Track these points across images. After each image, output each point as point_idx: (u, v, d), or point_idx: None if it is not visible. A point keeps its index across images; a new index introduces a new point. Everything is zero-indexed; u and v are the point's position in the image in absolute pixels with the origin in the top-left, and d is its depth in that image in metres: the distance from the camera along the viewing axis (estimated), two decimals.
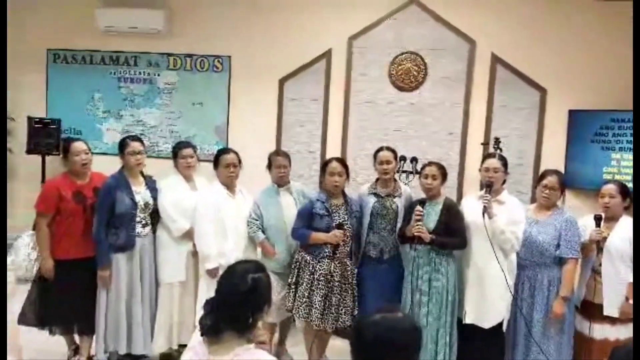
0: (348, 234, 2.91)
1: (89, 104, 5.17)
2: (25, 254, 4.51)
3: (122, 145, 3.14)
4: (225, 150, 3.22)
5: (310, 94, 4.75)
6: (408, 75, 4.51)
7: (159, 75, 5.00)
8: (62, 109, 5.15)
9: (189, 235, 3.11)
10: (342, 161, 3.06)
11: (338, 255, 2.89)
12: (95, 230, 2.99)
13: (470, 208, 2.83)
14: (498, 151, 3.13)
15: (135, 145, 3.11)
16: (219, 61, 4.87)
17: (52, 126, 4.83)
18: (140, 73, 5.03)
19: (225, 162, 3.13)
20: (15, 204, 5.30)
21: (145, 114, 5.09)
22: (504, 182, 2.84)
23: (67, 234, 3.02)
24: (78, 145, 3.06)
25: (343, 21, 4.62)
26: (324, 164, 3.07)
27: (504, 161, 2.84)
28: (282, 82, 4.78)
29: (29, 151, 4.84)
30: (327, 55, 4.68)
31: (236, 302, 1.50)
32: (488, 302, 2.73)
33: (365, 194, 3.05)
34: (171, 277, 3.11)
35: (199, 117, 4.97)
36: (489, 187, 2.73)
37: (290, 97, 4.75)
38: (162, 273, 3.13)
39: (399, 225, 2.94)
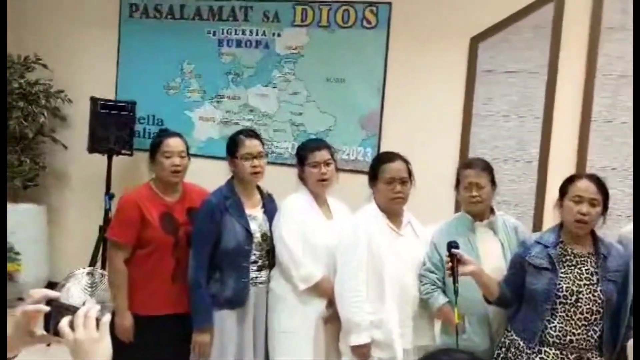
0: (582, 305, 2.82)
1: (175, 79, 5.44)
2: (80, 301, 4.77)
3: (234, 144, 3.34)
4: (389, 156, 3.32)
5: (523, 63, 4.61)
6: None
7: (278, 35, 5.19)
8: (137, 87, 5.49)
9: (319, 289, 3.23)
10: (597, 181, 2.93)
11: (568, 342, 2.80)
12: (191, 274, 3.19)
13: None
14: None
15: (253, 146, 3.30)
16: (371, 11, 4.95)
17: (124, 112, 5.17)
18: (251, 32, 5.25)
19: (389, 175, 3.19)
20: (67, 225, 5.74)
21: (256, 95, 5.27)
22: None
23: (152, 277, 3.25)
24: (172, 143, 3.31)
25: None
26: (566, 182, 2.98)
27: None
28: (474, 43, 4.71)
29: (92, 148, 5.21)
30: None
31: None
32: None
33: (630, 242, 2.95)
34: (287, 353, 3.23)
35: (338, 100, 5.07)
36: None
37: (488, 67, 4.70)
38: (275, 348, 3.28)
39: None
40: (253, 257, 3.27)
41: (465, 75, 4.74)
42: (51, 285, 5.24)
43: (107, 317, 1.32)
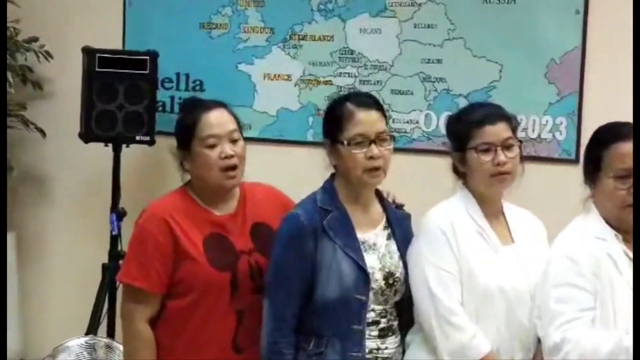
0: None
1: (221, 11, 5.52)
2: None
3: (336, 119, 3.38)
4: (620, 131, 3.29)
5: None
6: None
7: None
8: (157, 29, 5.62)
9: None
10: None
11: None
12: (267, 339, 3.24)
13: None
14: None
15: (369, 121, 3.31)
16: None
17: (138, 71, 5.25)
18: None
19: (622, 163, 3.20)
20: (50, 264, 5.82)
21: (360, 32, 5.29)
22: None
23: (198, 344, 3.34)
24: (215, 120, 3.40)
25: None
26: None
27: None
28: None
29: (89, 134, 5.25)
30: None
31: None
32: None
33: None
34: None
35: (505, 36, 5.07)
36: None
37: None
38: None
39: None
40: (372, 314, 3.29)
41: None
42: None
43: None
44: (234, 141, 3.33)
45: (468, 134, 3.37)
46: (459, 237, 3.30)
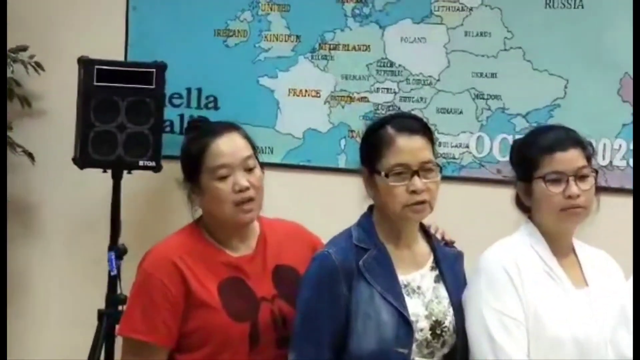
0: None
1: (239, 17, 5.42)
2: None
3: (374, 143, 3.32)
4: None
5: None
6: None
7: None
8: (165, 37, 5.53)
9: None
10: None
11: None
12: None
13: None
14: None
15: (411, 150, 3.25)
16: None
17: (143, 85, 5.10)
18: None
19: None
20: (38, 310, 5.68)
21: (401, 41, 5.19)
22: None
23: None
24: (227, 147, 3.33)
25: None
26: None
27: None
28: None
29: (85, 159, 5.11)
30: None
31: None
32: None
33: None
34: None
35: (571, 45, 4.97)
36: None
37: None
38: None
39: None
40: None
41: None
42: None
43: None
44: (248, 170, 3.25)
45: (535, 161, 3.29)
46: (525, 278, 3.21)
